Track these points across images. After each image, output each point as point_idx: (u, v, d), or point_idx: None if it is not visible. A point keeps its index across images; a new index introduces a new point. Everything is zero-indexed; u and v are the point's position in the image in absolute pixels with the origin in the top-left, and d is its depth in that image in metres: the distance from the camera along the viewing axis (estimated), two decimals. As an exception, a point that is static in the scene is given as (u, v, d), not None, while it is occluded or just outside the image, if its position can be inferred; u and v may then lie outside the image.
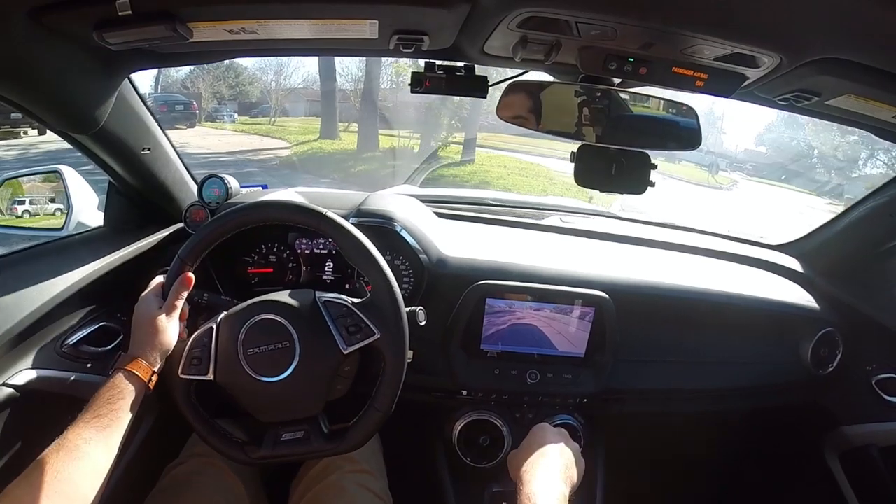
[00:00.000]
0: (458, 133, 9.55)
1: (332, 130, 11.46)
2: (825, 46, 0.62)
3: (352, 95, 12.39)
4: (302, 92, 14.94)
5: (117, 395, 0.65)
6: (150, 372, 0.69)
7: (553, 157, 8.25)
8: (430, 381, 1.04)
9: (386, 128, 10.94)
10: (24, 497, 0.53)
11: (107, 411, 0.63)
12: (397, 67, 9.74)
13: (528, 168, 8.62)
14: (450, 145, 9.27)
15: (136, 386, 0.67)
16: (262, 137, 11.92)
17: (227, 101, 14.30)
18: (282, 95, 14.57)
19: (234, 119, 13.64)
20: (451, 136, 9.37)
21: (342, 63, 12.12)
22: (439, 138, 9.43)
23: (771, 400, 1.19)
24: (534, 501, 0.61)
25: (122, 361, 0.68)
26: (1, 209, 1.50)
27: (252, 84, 14.96)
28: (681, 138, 0.80)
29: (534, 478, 0.65)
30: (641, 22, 0.60)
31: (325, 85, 11.66)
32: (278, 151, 10.71)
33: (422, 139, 9.37)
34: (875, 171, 13.18)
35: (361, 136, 10.79)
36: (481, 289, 0.99)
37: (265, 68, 14.52)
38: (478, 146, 9.27)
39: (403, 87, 9.48)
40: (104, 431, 0.62)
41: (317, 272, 1.09)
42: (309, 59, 14.32)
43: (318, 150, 10.69)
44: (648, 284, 1.09)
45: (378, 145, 10.55)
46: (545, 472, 0.67)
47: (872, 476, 1.12)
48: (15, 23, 0.59)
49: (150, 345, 0.70)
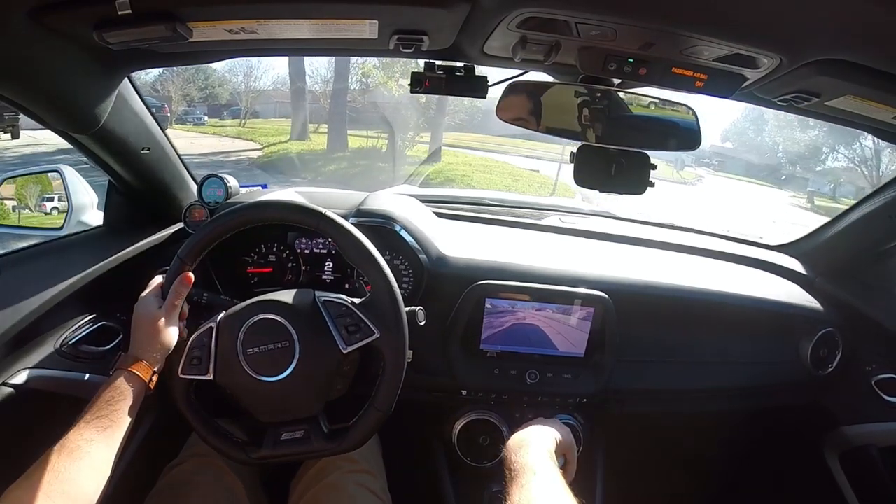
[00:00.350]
0: (425, 133, 9.70)
1: (303, 131, 11.62)
2: (825, 47, 0.62)
3: (321, 97, 12.54)
4: (272, 94, 15.02)
5: (118, 395, 0.65)
6: (150, 372, 0.69)
7: (517, 156, 8.58)
8: (430, 381, 1.04)
9: (355, 128, 11.13)
10: (25, 498, 0.53)
11: (108, 412, 0.63)
12: (365, 69, 9.83)
13: (492, 166, 8.81)
14: (416, 145, 9.43)
15: (137, 386, 0.67)
16: (234, 139, 12.05)
17: (197, 103, 14.29)
18: (252, 97, 14.62)
19: (205, 121, 13.61)
20: (417, 136, 9.53)
21: (312, 65, 12.28)
22: (406, 138, 9.56)
23: (771, 400, 1.19)
24: (517, 461, 0.64)
25: (123, 362, 0.68)
26: (2, 208, 1.50)
27: (222, 86, 14.94)
28: (680, 138, 0.80)
29: (518, 446, 0.69)
30: (641, 22, 0.60)
31: (296, 86, 11.80)
32: (250, 153, 10.87)
33: (389, 139, 9.54)
34: (836, 164, 13.84)
35: (331, 137, 10.96)
36: (481, 288, 0.99)
37: (234, 70, 14.63)
38: (444, 145, 9.47)
39: (372, 87, 9.62)
40: (105, 432, 0.62)
41: (316, 272, 1.09)
42: (278, 60, 14.47)
43: (288, 151, 10.84)
44: (648, 284, 1.09)
45: (347, 145, 10.76)
46: (526, 437, 0.71)
47: (872, 476, 1.12)
48: (15, 23, 0.59)
49: (150, 345, 0.70)
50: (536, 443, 0.70)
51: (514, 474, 0.64)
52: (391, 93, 9.77)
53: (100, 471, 0.60)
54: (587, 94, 0.77)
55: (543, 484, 0.61)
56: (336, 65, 11.05)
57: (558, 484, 0.61)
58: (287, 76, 12.36)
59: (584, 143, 0.80)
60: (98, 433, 0.61)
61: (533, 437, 0.71)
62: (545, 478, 0.62)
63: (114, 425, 0.63)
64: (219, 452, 0.76)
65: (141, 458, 0.91)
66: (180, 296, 0.74)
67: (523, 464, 0.65)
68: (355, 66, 10.66)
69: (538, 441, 0.70)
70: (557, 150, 7.93)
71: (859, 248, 1.21)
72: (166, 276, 0.75)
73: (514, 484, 0.62)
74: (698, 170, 12.91)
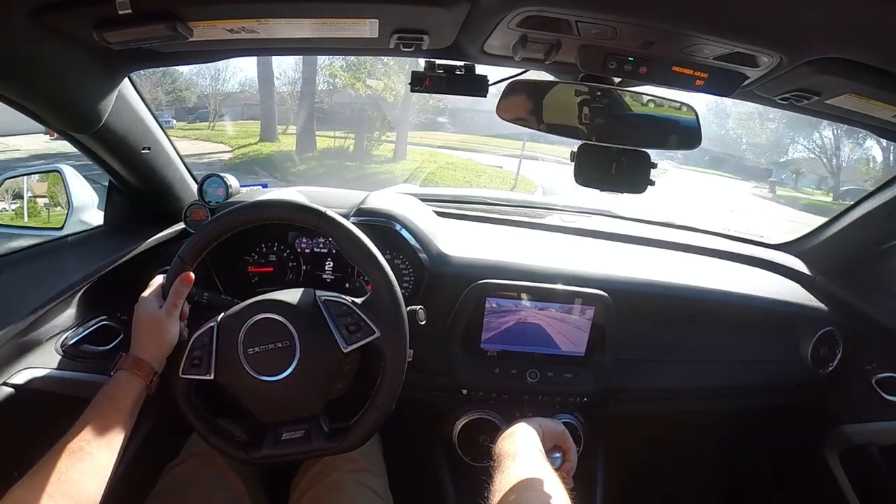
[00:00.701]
0: (391, 132, 9.87)
1: (272, 133, 11.73)
2: (825, 46, 0.62)
3: (289, 98, 12.64)
4: (239, 96, 15.01)
5: (119, 395, 0.65)
6: (151, 372, 0.69)
7: (483, 153, 8.94)
8: (431, 381, 1.04)
9: (322, 129, 11.28)
10: (28, 499, 0.53)
11: (109, 412, 0.63)
12: (332, 70, 9.94)
13: (456, 163, 9.09)
14: (383, 144, 9.64)
15: (138, 386, 0.67)
16: (204, 142, 12.05)
17: (165, 106, 14.13)
18: (220, 100, 14.56)
19: (173, 125, 13.38)
20: (384, 136, 9.73)
21: (279, 66, 12.37)
22: (373, 138, 9.73)
23: (771, 399, 1.19)
24: (500, 449, 0.68)
25: (124, 362, 0.68)
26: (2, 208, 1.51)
27: (189, 89, 14.78)
28: (681, 137, 0.81)
29: (503, 438, 0.72)
30: (641, 21, 0.60)
31: (264, 88, 11.86)
32: (221, 155, 10.97)
33: (356, 139, 9.68)
34: (798, 154, 14.35)
35: (300, 138, 11.10)
36: (481, 288, 0.99)
37: (202, 73, 14.52)
38: (410, 144, 9.72)
39: (339, 89, 9.77)
40: (106, 432, 0.62)
41: (317, 271, 1.09)
42: (246, 62, 14.45)
43: (258, 153, 10.96)
44: (648, 283, 1.09)
45: (315, 146, 10.91)
46: (512, 429, 0.73)
47: (872, 475, 1.12)
48: (15, 22, 0.59)
49: (151, 345, 0.70)
50: (520, 431, 0.72)
51: (497, 462, 0.66)
52: (358, 93, 9.94)
53: (101, 471, 0.60)
54: (587, 92, 0.77)
55: (523, 465, 0.62)
56: (304, 67, 11.20)
57: (539, 465, 0.62)
58: (255, 78, 12.46)
59: (584, 142, 0.80)
60: (99, 433, 0.61)
61: (517, 428, 0.73)
62: (525, 460, 0.63)
63: (115, 425, 0.63)
64: (220, 452, 0.76)
65: (141, 458, 0.91)
66: (181, 296, 0.74)
67: (506, 450, 0.67)
68: (322, 68, 10.83)
69: (522, 430, 0.72)
70: (518, 147, 8.38)
71: (860, 248, 1.21)
72: (167, 276, 0.75)
73: (498, 470, 0.64)
74: (662, 163, 13.08)
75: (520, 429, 0.73)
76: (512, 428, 0.74)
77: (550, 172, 8.31)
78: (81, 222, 1.13)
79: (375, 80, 9.60)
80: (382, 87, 9.51)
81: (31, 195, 1.76)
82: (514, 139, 9.12)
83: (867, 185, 8.62)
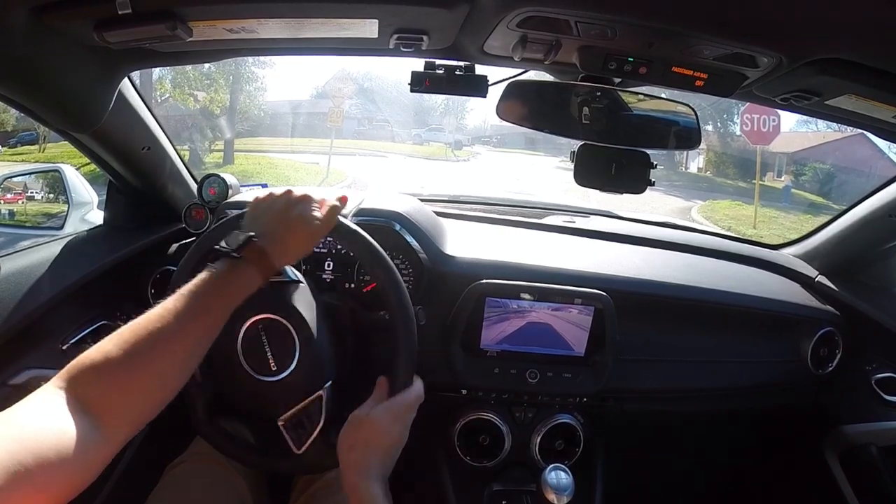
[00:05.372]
0: (220, 141, 10.34)
1: None
2: (825, 46, 0.62)
3: None
4: None
5: (234, 293, 0.58)
6: (269, 275, 0.62)
7: (306, 153, 10.21)
8: (430, 381, 1.04)
9: None
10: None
11: (219, 310, 0.57)
12: (162, 87, 10.01)
13: (277, 163, 10.06)
14: (213, 153, 10.11)
15: (254, 289, 0.61)
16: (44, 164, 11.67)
17: None
18: None
19: None
20: (213, 145, 10.17)
21: None
22: (203, 148, 10.17)
23: (770, 399, 1.19)
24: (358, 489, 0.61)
25: (251, 250, 0.60)
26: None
27: (7, 111, 11.63)
28: (680, 137, 0.81)
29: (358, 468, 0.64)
30: (641, 21, 0.60)
31: None
32: None
33: (191, 150, 9.90)
34: None
35: None
36: (481, 288, 0.99)
37: None
38: (236, 150, 10.21)
39: (164, 103, 10.06)
40: (206, 335, 0.56)
41: (316, 271, 1.09)
42: None
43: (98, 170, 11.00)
44: (648, 283, 1.09)
45: None
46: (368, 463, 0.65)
47: (872, 475, 1.12)
48: (15, 22, 0.59)
49: (290, 242, 0.64)
50: (377, 471, 0.65)
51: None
52: (187, 106, 10.18)
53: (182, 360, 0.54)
54: (587, 93, 0.77)
55: None
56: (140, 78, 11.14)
57: None
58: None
59: (584, 143, 0.80)
60: (199, 338, 0.55)
61: (373, 463, 0.65)
62: None
63: (213, 330, 0.56)
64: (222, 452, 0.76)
65: (142, 458, 0.91)
66: (336, 212, 0.68)
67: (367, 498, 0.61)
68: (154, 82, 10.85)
69: (379, 468, 0.65)
70: (327, 144, 9.88)
71: (859, 248, 1.21)
72: None
73: None
74: (476, 147, 13.99)
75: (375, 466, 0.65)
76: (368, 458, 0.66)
77: (364, 164, 10.10)
78: (82, 221, 1.13)
79: (202, 93, 9.90)
80: (209, 100, 9.87)
81: (31, 195, 1.77)
82: (325, 138, 10.32)
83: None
